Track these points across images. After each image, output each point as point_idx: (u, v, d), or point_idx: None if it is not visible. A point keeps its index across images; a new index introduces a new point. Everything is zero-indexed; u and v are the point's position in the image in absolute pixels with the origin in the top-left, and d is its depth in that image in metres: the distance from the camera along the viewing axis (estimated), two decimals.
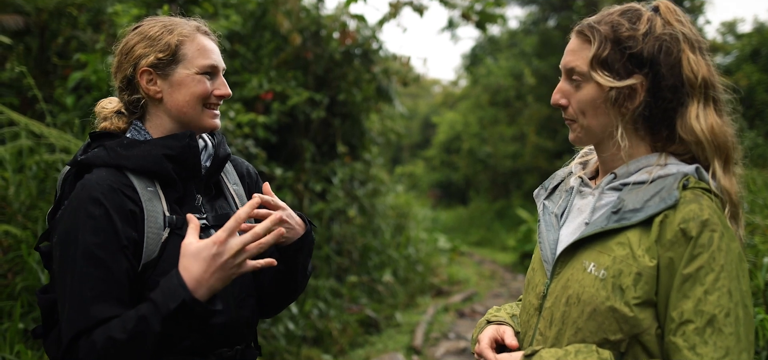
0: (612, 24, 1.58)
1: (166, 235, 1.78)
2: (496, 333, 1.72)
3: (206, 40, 1.90)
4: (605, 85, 1.56)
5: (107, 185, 1.72)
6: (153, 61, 1.82)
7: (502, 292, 10.14)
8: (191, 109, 1.85)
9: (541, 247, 1.73)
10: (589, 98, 1.60)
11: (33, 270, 3.51)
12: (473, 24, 9.19)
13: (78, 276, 1.66)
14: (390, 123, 10.37)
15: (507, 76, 18.00)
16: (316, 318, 6.44)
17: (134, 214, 1.73)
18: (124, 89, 1.88)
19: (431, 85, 31.63)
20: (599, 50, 1.57)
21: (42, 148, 4.16)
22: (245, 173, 2.14)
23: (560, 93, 1.66)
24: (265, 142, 6.76)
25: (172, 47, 1.83)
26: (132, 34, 1.89)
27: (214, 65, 1.87)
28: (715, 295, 1.41)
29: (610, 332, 1.50)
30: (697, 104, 1.56)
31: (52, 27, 5.64)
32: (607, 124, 1.61)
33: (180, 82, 1.83)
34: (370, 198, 9.23)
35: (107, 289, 1.67)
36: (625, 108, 1.58)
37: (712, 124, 1.55)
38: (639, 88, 1.56)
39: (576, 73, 1.61)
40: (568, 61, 1.63)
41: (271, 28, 7.44)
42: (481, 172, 20.62)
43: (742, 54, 13.15)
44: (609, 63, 1.56)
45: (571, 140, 1.69)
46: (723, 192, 1.54)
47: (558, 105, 1.67)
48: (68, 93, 4.82)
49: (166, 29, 1.86)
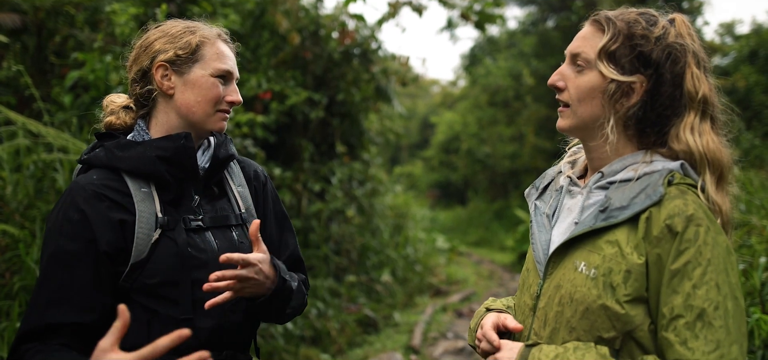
0: (628, 21, 1.59)
1: (156, 237, 1.78)
2: (497, 319, 1.72)
3: (225, 47, 1.92)
4: (607, 75, 1.57)
5: (92, 191, 1.74)
6: (172, 57, 1.84)
7: (501, 292, 10.14)
8: (200, 110, 1.86)
9: (533, 248, 1.74)
10: (589, 86, 1.60)
11: (31, 269, 3.50)
12: (472, 24, 9.19)
13: (43, 277, 1.70)
14: (389, 123, 10.37)
15: (506, 76, 18.00)
16: (315, 317, 6.44)
17: (122, 222, 1.74)
18: (138, 81, 1.89)
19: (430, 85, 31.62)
20: (610, 41, 1.58)
21: (39, 148, 4.15)
22: (253, 176, 2.13)
23: (559, 75, 1.67)
24: (264, 141, 6.75)
25: (193, 46, 1.85)
26: (154, 30, 1.91)
27: (229, 71, 1.89)
28: (703, 289, 1.42)
29: (603, 330, 1.51)
30: (693, 118, 1.57)
31: (49, 25, 5.62)
32: (599, 115, 1.61)
33: (194, 81, 1.85)
34: (369, 198, 9.23)
35: (67, 295, 1.68)
36: (620, 104, 1.59)
37: (707, 141, 1.56)
38: (638, 87, 1.57)
39: (581, 59, 1.62)
40: (577, 46, 1.64)
41: (270, 27, 7.43)
42: (479, 172, 20.62)
43: (740, 55, 13.18)
44: (616, 56, 1.58)
45: (559, 126, 1.69)
46: (714, 205, 1.54)
47: (555, 87, 1.68)
48: (66, 92, 4.81)
49: (188, 30, 1.88)
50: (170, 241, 1.79)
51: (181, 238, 1.80)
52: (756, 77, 11.85)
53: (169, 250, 1.79)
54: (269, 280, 1.83)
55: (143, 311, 1.77)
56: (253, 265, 1.76)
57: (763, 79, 11.90)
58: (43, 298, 1.68)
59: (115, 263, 1.74)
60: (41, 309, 1.67)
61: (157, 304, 1.77)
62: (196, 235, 1.85)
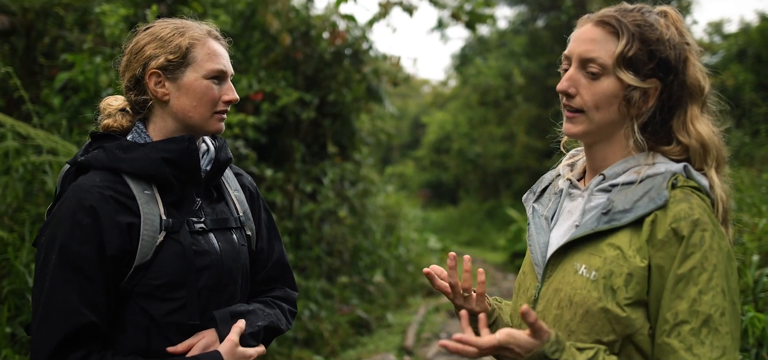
0: (638, 23, 1.55)
1: (161, 239, 1.77)
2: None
3: (217, 44, 1.90)
4: (627, 82, 1.54)
5: (98, 193, 1.71)
6: (163, 63, 1.81)
7: (493, 291, 10.14)
8: (197, 114, 1.84)
9: (531, 250, 1.72)
10: (608, 93, 1.56)
11: (20, 273, 3.47)
12: (463, 24, 9.20)
13: (61, 282, 1.66)
14: (380, 123, 10.36)
15: (496, 76, 18.02)
16: (307, 319, 6.42)
17: (130, 225, 1.73)
18: (132, 89, 1.87)
19: (421, 85, 31.61)
20: (627, 47, 1.53)
21: (29, 150, 4.12)
22: (247, 183, 2.14)
23: (570, 81, 1.60)
24: (255, 142, 6.73)
25: (183, 49, 1.82)
26: (143, 34, 1.88)
27: (222, 70, 1.87)
28: (710, 294, 1.41)
29: (603, 333, 1.49)
30: (697, 110, 1.57)
31: (38, 27, 5.58)
32: (616, 121, 1.59)
33: (188, 86, 1.83)
34: (361, 198, 9.21)
35: (87, 298, 1.67)
36: (637, 109, 1.56)
37: (710, 131, 1.57)
38: (653, 91, 1.55)
39: (596, 65, 1.56)
40: (588, 50, 1.57)
41: (261, 28, 7.41)
42: (470, 172, 20.63)
43: (729, 54, 13.24)
44: (634, 62, 1.54)
45: (571, 132, 1.63)
46: (717, 196, 1.54)
47: (565, 93, 1.61)
48: (55, 93, 4.78)
49: (177, 31, 1.85)
50: (175, 243, 1.78)
51: (186, 239, 1.80)
52: (745, 76, 11.90)
53: (174, 251, 1.78)
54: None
55: (143, 316, 1.76)
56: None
57: (752, 77, 11.96)
58: (71, 302, 1.65)
59: (119, 266, 1.72)
60: (72, 313, 1.64)
61: (159, 306, 1.76)
62: (199, 237, 1.85)
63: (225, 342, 1.78)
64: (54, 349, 1.63)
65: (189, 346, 1.78)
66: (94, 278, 1.68)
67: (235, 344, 1.79)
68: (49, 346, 1.63)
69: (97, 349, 1.70)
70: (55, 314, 1.65)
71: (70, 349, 1.65)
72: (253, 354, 1.84)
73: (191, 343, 1.78)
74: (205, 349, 1.78)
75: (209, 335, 1.81)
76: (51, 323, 1.64)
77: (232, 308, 1.89)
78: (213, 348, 1.79)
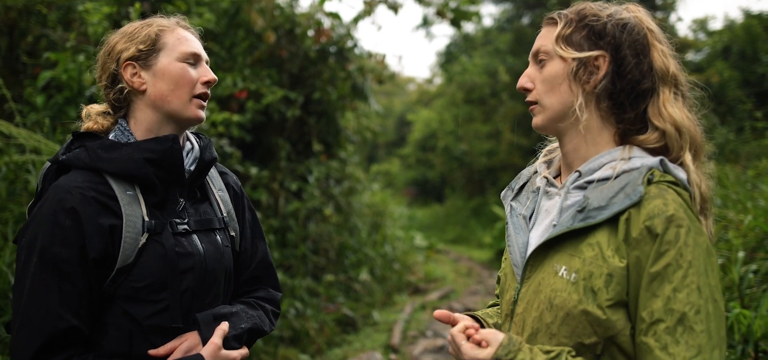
0: (579, 9, 1.63)
1: (143, 241, 1.75)
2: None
3: (186, 31, 1.91)
4: (567, 57, 1.58)
5: (80, 195, 1.68)
6: (135, 53, 1.81)
7: (479, 289, 10.17)
8: (176, 98, 1.83)
9: (510, 250, 1.70)
10: (552, 73, 1.62)
11: (3, 273, 3.44)
12: (448, 21, 9.21)
13: (41, 285, 1.64)
14: (365, 121, 10.34)
15: (482, 73, 18.06)
16: (293, 318, 6.40)
17: (112, 227, 1.71)
18: (110, 86, 1.87)
19: (406, 82, 31.64)
20: (564, 28, 1.61)
21: (11, 149, 4.07)
22: (232, 182, 2.14)
23: (526, 77, 1.69)
24: (240, 141, 6.70)
25: (152, 37, 1.83)
26: (113, 36, 1.89)
27: (195, 52, 1.87)
28: (684, 292, 1.39)
29: (584, 336, 1.47)
30: (669, 94, 1.57)
31: (20, 25, 5.52)
32: (568, 101, 1.60)
33: (163, 70, 1.82)
34: (346, 196, 9.20)
35: (68, 301, 1.65)
36: (586, 82, 1.59)
37: (684, 116, 1.56)
38: (602, 63, 1.57)
39: (542, 53, 1.64)
40: (536, 45, 1.67)
41: (245, 26, 7.37)
42: (456, 169, 20.66)
43: (714, 51, 13.35)
44: (572, 39, 1.60)
45: (535, 125, 1.69)
46: (694, 184, 1.53)
47: (523, 89, 1.69)
48: (38, 92, 4.73)
49: (145, 24, 1.87)
50: (158, 245, 1.76)
51: (169, 241, 1.78)
52: (730, 73, 12.01)
53: (156, 254, 1.76)
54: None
55: (125, 318, 1.74)
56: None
57: (737, 74, 12.06)
58: (51, 304, 1.63)
59: (101, 268, 1.70)
60: (52, 316, 1.63)
61: (142, 309, 1.75)
62: (183, 239, 1.83)
63: (208, 345, 1.77)
64: (34, 353, 1.61)
65: (171, 348, 1.76)
66: (76, 281, 1.65)
67: (218, 347, 1.78)
68: (29, 350, 1.61)
69: (78, 352, 1.68)
70: (35, 317, 1.62)
71: (51, 353, 1.63)
72: (236, 356, 1.83)
73: (174, 346, 1.77)
74: (187, 351, 1.76)
75: (192, 338, 1.79)
76: (31, 326, 1.62)
77: (216, 310, 1.87)
78: (196, 351, 1.77)
